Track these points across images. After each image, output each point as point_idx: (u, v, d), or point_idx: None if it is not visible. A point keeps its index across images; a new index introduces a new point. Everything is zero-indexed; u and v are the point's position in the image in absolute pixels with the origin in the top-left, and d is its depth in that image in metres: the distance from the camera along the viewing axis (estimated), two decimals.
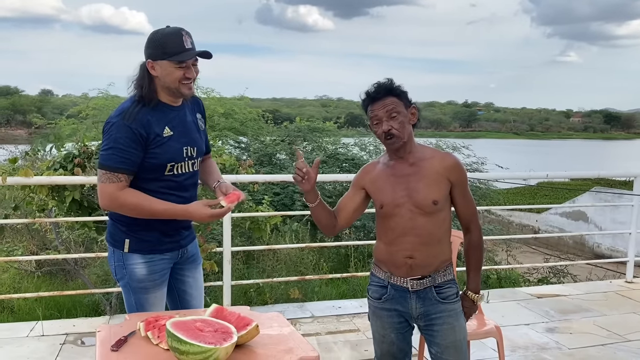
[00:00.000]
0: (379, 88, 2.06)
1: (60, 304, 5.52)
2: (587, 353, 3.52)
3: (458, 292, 2.15)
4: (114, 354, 1.68)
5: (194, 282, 2.34)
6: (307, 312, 4.17)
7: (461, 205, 2.13)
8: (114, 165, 2.01)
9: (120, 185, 2.02)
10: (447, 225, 2.12)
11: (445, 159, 2.09)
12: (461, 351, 2.10)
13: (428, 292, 2.09)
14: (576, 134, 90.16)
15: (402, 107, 2.05)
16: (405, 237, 2.06)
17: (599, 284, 5.28)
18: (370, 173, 2.16)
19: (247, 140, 11.89)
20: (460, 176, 2.10)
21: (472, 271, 2.20)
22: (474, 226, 2.17)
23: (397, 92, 2.05)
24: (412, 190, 2.05)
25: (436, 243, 2.08)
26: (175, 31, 2.07)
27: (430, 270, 2.08)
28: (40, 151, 6.33)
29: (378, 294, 2.16)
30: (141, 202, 2.05)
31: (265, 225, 4.63)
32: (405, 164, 2.09)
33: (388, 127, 2.03)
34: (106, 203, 2.06)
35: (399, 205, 2.06)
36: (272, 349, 1.76)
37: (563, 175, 10.07)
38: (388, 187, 2.08)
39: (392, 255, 2.10)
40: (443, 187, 2.06)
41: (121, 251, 2.15)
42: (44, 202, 4.13)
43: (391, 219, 2.08)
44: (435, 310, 2.09)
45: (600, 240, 17.24)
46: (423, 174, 2.06)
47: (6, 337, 3.52)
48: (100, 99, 12.47)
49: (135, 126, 2.02)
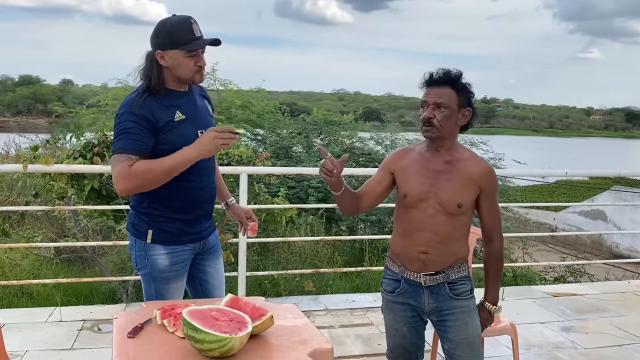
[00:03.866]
0: (442, 75, 2.01)
1: (77, 291, 5.61)
2: (603, 353, 3.48)
3: (472, 289, 2.13)
4: (130, 341, 1.70)
5: (215, 272, 2.35)
6: (321, 305, 4.18)
7: (486, 213, 2.10)
8: (124, 147, 2.00)
9: (130, 163, 1.99)
10: (467, 227, 2.09)
11: (479, 165, 2.05)
12: (474, 347, 2.08)
13: (441, 288, 2.07)
14: (596, 132, 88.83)
15: (455, 104, 2.00)
16: (421, 232, 2.04)
17: (616, 284, 5.21)
18: (403, 159, 2.12)
19: (263, 133, 11.91)
20: (491, 184, 2.06)
21: (491, 282, 2.15)
22: (496, 237, 2.13)
23: (458, 86, 2.01)
24: (440, 188, 2.01)
25: (453, 241, 2.05)
26: (183, 20, 2.05)
27: (444, 266, 2.06)
28: (61, 140, 6.42)
29: (391, 288, 2.15)
30: (152, 165, 2.00)
31: (280, 217, 4.64)
32: (440, 159, 2.05)
33: (430, 115, 1.99)
34: (121, 185, 2.00)
35: (422, 200, 2.02)
36: (286, 339, 1.76)
37: (583, 173, 9.86)
38: (417, 179, 2.05)
39: (407, 248, 2.08)
40: (471, 192, 2.03)
41: (143, 241, 2.15)
42: (63, 190, 4.19)
43: (411, 211, 2.05)
44: (448, 307, 2.07)
45: (619, 240, 17.01)
46: (455, 175, 2.02)
47: (25, 322, 3.58)
48: (119, 89, 12.59)
49: (143, 112, 2.02)
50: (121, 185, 2.01)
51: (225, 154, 4.55)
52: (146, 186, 2.05)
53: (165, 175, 2.03)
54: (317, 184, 9.35)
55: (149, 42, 2.11)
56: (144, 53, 2.11)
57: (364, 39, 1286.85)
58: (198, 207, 2.19)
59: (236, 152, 4.58)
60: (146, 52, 2.10)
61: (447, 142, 2.04)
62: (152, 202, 2.13)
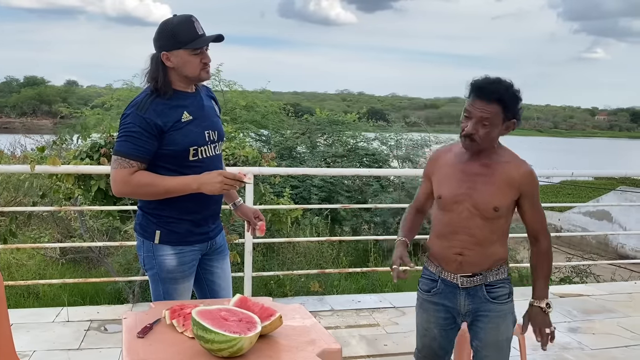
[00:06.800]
0: (490, 89, 1.90)
1: (83, 291, 5.63)
2: (610, 354, 3.47)
3: (510, 293, 2.07)
4: (140, 341, 1.71)
5: (222, 272, 2.35)
6: (327, 306, 4.19)
7: (530, 216, 2.04)
8: (127, 151, 2.03)
9: (132, 171, 2.03)
10: (504, 229, 2.04)
11: (520, 167, 1.98)
12: (501, 351, 2.06)
13: (478, 290, 2.03)
14: (601, 132, 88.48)
15: (500, 120, 1.92)
16: (457, 235, 2.01)
17: (623, 285, 5.19)
18: (438, 161, 2.11)
19: (268, 133, 11.93)
20: (532, 187, 2.00)
21: (541, 279, 2.06)
22: (542, 237, 2.07)
23: (506, 102, 1.91)
24: (476, 191, 1.97)
25: (489, 244, 2.01)
26: (185, 19, 2.06)
27: (482, 268, 2.02)
28: (67, 141, 6.45)
29: (428, 287, 2.13)
30: (154, 180, 2.05)
31: (286, 218, 4.65)
32: (477, 162, 2.00)
33: (472, 131, 1.92)
34: (119, 188, 2.07)
35: (457, 202, 1.99)
36: (295, 340, 1.76)
37: (589, 173, 9.81)
38: (452, 181, 2.02)
39: (443, 250, 2.06)
40: (509, 195, 1.97)
41: (151, 242, 2.16)
42: (70, 191, 4.21)
43: (446, 213, 2.03)
44: (483, 309, 2.04)
45: (625, 241, 16.95)
46: (493, 177, 1.97)
47: (33, 322, 3.60)
48: (124, 90, 12.64)
49: (149, 116, 2.03)
50: (119, 189, 2.09)
51: (232, 155, 4.56)
52: (142, 196, 2.15)
53: (164, 194, 2.09)
54: (320, 182, 9.36)
55: (152, 45, 2.11)
56: (149, 56, 2.11)
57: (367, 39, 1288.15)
58: (206, 208, 2.20)
59: (242, 153, 4.59)
60: (150, 54, 2.11)
61: (485, 149, 2.00)
62: (160, 202, 2.14)
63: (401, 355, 3.33)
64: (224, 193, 2.19)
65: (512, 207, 2.01)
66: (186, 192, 2.08)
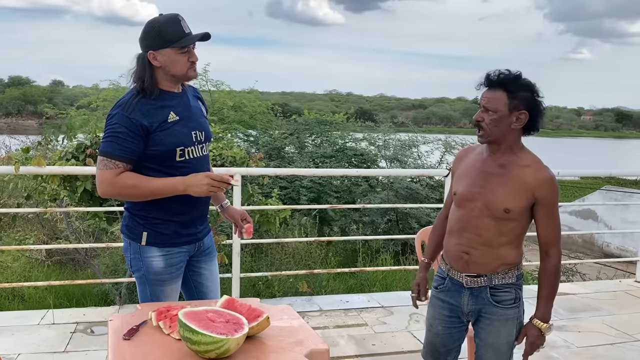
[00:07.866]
0: (494, 78, 1.95)
1: (70, 293, 5.58)
2: (595, 352, 3.51)
3: (518, 298, 2.06)
4: (126, 343, 1.70)
5: (209, 274, 2.34)
6: (315, 306, 4.18)
7: (543, 225, 1.99)
8: (113, 152, 2.02)
9: (118, 172, 2.02)
10: (517, 233, 2.01)
11: (538, 173, 1.95)
12: (500, 353, 2.07)
13: (482, 292, 2.04)
14: (587, 132, 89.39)
15: (505, 107, 1.92)
16: (465, 232, 2.03)
17: (608, 283, 5.25)
18: (462, 158, 2.15)
19: (256, 134, 11.90)
20: (550, 195, 1.95)
21: (544, 299, 2.04)
22: (553, 252, 2.01)
23: (511, 89, 1.92)
24: (489, 191, 1.98)
25: (497, 246, 2.00)
26: (171, 17, 2.05)
27: (488, 269, 2.02)
28: (52, 141, 6.39)
29: (437, 283, 2.18)
30: (140, 181, 2.04)
31: (274, 218, 4.64)
32: (494, 162, 2.00)
33: (479, 118, 1.97)
34: (104, 189, 2.06)
35: (470, 200, 2.01)
36: (282, 340, 1.76)
37: (575, 173, 9.87)
38: (468, 179, 2.04)
39: (452, 246, 2.09)
40: (523, 200, 1.94)
41: (138, 244, 2.15)
42: (55, 192, 4.17)
43: (458, 210, 2.06)
44: (486, 311, 2.05)
45: (610, 240, 17.12)
46: (508, 179, 1.96)
47: (18, 325, 3.55)
48: (111, 91, 12.54)
49: (135, 116, 2.01)
50: (105, 190, 2.07)
51: (219, 155, 4.55)
52: (128, 197, 2.13)
53: (150, 195, 2.07)
54: (309, 183, 9.35)
55: (139, 44, 2.10)
56: (135, 55, 2.10)
57: (355, 39, 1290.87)
58: (193, 209, 2.19)
59: (230, 154, 4.58)
60: (136, 54, 2.10)
61: (503, 146, 1.99)
62: (147, 204, 2.12)
63: (389, 355, 3.35)
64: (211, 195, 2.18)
65: (527, 212, 1.98)
66: (173, 193, 2.07)
